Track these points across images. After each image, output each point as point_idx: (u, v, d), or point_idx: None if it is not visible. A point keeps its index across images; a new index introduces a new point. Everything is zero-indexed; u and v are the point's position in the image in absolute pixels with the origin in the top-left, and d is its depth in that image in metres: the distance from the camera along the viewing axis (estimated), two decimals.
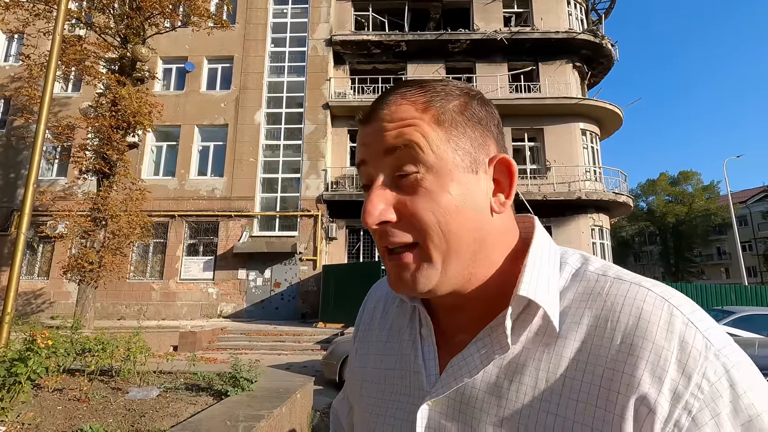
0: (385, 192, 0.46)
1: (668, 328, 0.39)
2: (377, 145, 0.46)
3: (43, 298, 14.79)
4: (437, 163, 0.44)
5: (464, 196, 0.45)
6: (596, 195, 15.23)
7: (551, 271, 0.47)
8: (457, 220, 0.44)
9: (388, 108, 0.47)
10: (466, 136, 0.46)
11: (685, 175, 46.95)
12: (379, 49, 16.93)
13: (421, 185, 0.44)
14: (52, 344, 3.72)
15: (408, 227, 0.45)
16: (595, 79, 19.23)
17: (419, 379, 0.50)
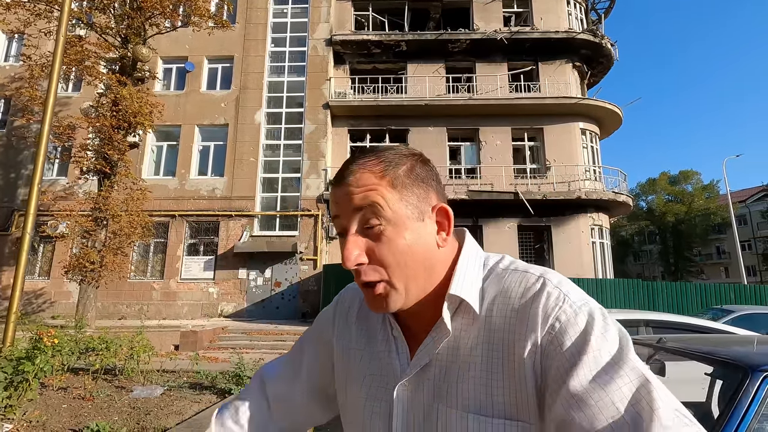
0: (357, 239, 0.60)
1: (538, 291, 0.58)
2: (347, 204, 0.61)
3: (43, 297, 14.81)
4: (394, 217, 0.59)
5: (415, 239, 0.60)
6: (596, 194, 15.26)
7: (474, 272, 0.63)
8: (411, 257, 0.60)
9: (354, 176, 0.61)
10: (413, 194, 0.61)
11: (685, 175, 46.96)
12: (379, 49, 16.94)
13: (383, 234, 0.59)
14: (58, 343, 3.75)
15: (376, 266, 0.60)
16: (595, 78, 19.26)
17: (395, 370, 0.65)
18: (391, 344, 0.68)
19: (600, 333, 0.53)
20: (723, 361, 1.69)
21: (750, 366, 1.46)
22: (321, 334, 0.79)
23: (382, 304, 0.61)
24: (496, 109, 15.98)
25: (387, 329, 0.70)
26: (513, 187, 15.22)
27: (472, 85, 16.79)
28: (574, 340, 0.53)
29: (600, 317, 0.55)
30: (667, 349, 2.03)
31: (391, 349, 0.67)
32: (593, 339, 0.52)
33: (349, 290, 0.81)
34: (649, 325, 3.93)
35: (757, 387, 1.38)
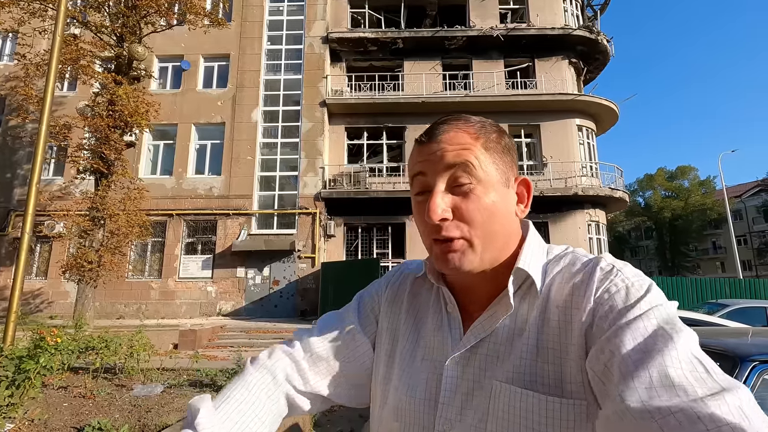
0: (445, 195, 0.60)
1: (592, 268, 0.59)
2: (438, 161, 0.61)
3: (41, 297, 14.77)
4: (485, 177, 0.60)
5: (501, 203, 0.61)
6: (592, 190, 15.33)
7: (540, 254, 0.65)
8: (495, 219, 0.61)
9: (447, 134, 0.62)
10: (502, 160, 0.63)
11: (683, 170, 47.18)
12: (375, 47, 16.93)
13: (473, 192, 0.60)
14: (60, 342, 3.76)
15: (459, 224, 0.60)
16: (591, 75, 19.30)
17: (446, 345, 0.65)
18: (444, 320, 0.67)
19: (647, 304, 0.52)
20: (714, 351, 1.73)
21: (739, 356, 1.50)
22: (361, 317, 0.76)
23: (455, 261, 0.60)
24: (493, 105, 16.01)
25: (441, 305, 0.69)
26: None
27: (469, 82, 16.80)
28: (620, 308, 0.53)
29: (650, 291, 0.54)
30: None
31: (443, 325, 0.67)
32: (638, 308, 0.52)
33: (396, 272, 0.81)
34: None
35: (746, 376, 1.42)
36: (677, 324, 0.50)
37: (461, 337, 0.64)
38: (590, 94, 16.74)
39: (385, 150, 16.60)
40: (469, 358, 0.62)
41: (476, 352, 0.62)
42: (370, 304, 0.79)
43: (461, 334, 0.65)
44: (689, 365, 0.46)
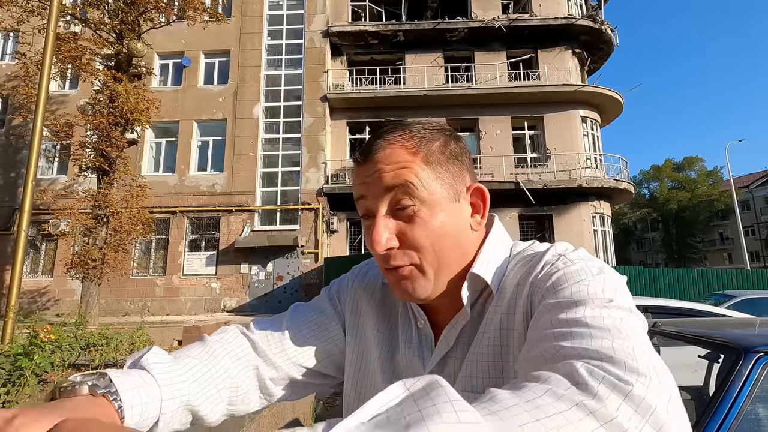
0: (388, 221, 0.55)
1: (541, 255, 0.55)
2: (377, 184, 0.56)
3: (48, 295, 14.90)
4: (429, 197, 0.55)
5: (450, 222, 0.56)
6: (597, 182, 15.18)
7: (499, 254, 0.60)
8: (446, 241, 0.56)
9: (383, 151, 0.56)
10: (448, 171, 0.57)
11: (690, 161, 46.69)
12: (376, 40, 16.79)
13: (417, 215, 0.54)
14: (56, 339, 3.76)
15: (407, 251, 0.55)
16: (595, 65, 19.06)
17: (419, 363, 0.61)
18: (414, 336, 0.63)
19: (589, 278, 0.49)
20: (717, 343, 1.67)
21: (744, 347, 1.44)
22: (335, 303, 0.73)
23: (408, 291, 0.56)
24: (496, 98, 15.86)
25: (410, 320, 0.65)
26: (513, 176, 15.15)
27: (471, 75, 16.64)
28: (554, 284, 0.50)
29: (596, 272, 0.50)
30: (662, 333, 2.01)
31: (414, 342, 0.63)
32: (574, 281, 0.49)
33: (362, 267, 0.76)
34: (648, 310, 3.91)
35: (750, 368, 1.36)
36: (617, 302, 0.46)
37: (432, 354, 0.60)
38: (594, 85, 16.52)
39: None
40: (439, 373, 0.58)
41: (443, 370, 0.58)
42: (338, 294, 0.75)
43: (432, 351, 0.61)
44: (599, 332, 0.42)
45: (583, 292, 0.47)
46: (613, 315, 0.43)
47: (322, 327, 0.70)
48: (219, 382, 0.59)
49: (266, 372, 0.65)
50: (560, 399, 0.33)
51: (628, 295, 0.49)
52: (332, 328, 0.70)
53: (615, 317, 0.43)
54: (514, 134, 16.25)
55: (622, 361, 0.36)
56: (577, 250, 0.56)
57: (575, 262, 0.52)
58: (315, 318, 0.71)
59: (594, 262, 0.52)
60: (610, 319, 0.42)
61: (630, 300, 0.48)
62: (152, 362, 0.53)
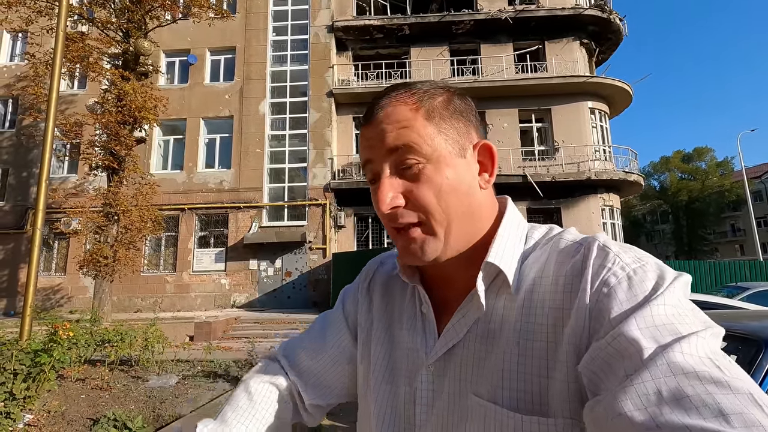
0: (393, 181, 0.54)
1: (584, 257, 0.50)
2: (380, 146, 0.55)
3: (61, 293, 15.14)
4: (433, 153, 0.53)
5: (457, 178, 0.54)
6: (606, 174, 15.03)
7: (516, 241, 0.56)
8: (453, 197, 0.54)
9: (384, 111, 0.55)
10: (452, 127, 0.55)
11: (700, 152, 46.01)
12: (381, 34, 16.70)
13: (422, 173, 0.53)
14: (74, 336, 3.82)
15: (414, 209, 0.53)
16: (603, 55, 18.79)
17: (420, 351, 0.59)
18: (418, 322, 0.61)
19: (658, 291, 0.44)
20: (737, 335, 1.65)
21: (764, 339, 1.42)
22: (344, 310, 0.74)
23: (417, 252, 0.54)
24: (503, 90, 15.72)
25: (415, 305, 0.63)
26: (521, 169, 15.04)
27: (478, 68, 16.50)
28: (623, 301, 0.44)
29: (660, 276, 0.46)
30: None
31: (417, 328, 0.61)
32: (645, 297, 0.44)
33: (373, 264, 0.75)
34: None
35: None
36: (696, 317, 0.42)
37: (436, 341, 0.58)
38: (603, 76, 16.31)
39: None
40: (445, 367, 0.56)
41: (450, 360, 0.55)
42: (351, 300, 0.75)
43: (436, 339, 0.58)
44: (704, 371, 0.37)
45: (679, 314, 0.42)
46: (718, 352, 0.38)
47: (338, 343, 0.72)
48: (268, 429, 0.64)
49: (305, 403, 0.69)
50: None
51: None
52: (345, 340, 0.72)
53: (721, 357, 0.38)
54: (521, 127, 16.11)
55: None
56: (623, 246, 0.51)
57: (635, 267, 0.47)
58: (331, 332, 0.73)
59: (656, 265, 0.48)
60: (724, 362, 0.38)
61: None
62: None
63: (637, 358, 0.39)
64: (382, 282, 0.71)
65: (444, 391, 0.55)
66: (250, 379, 0.69)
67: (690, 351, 0.38)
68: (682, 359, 0.38)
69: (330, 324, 0.74)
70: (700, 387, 0.35)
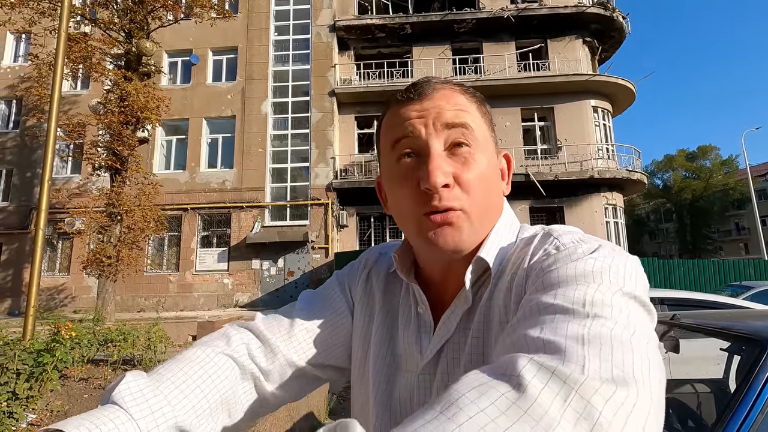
0: (445, 159, 0.53)
1: (531, 240, 0.54)
2: (436, 119, 0.54)
3: (65, 293, 15.22)
4: (482, 142, 0.55)
5: (495, 172, 0.57)
6: (609, 173, 14.97)
7: (507, 238, 0.57)
8: (491, 190, 0.56)
9: (443, 92, 0.56)
10: (491, 129, 0.59)
11: (704, 150, 45.77)
12: (383, 33, 16.68)
13: (472, 158, 0.53)
14: (76, 335, 3.84)
15: (460, 192, 0.52)
16: (607, 54, 18.72)
17: (417, 352, 0.58)
18: (414, 323, 0.60)
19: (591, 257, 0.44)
20: (740, 335, 1.64)
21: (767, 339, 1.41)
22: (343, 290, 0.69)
23: (455, 236, 0.52)
24: (505, 89, 15.68)
25: (411, 305, 0.62)
26: (524, 168, 15.00)
27: (480, 66, 16.47)
28: (545, 267, 0.46)
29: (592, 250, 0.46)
30: (682, 326, 1.98)
31: (413, 327, 0.60)
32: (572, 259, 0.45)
33: (372, 253, 0.72)
34: (664, 303, 3.85)
35: None
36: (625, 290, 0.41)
37: (431, 341, 0.57)
38: (605, 74, 16.25)
39: None
40: (437, 366, 0.55)
41: (440, 359, 0.55)
42: (348, 282, 0.71)
43: (431, 338, 0.57)
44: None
45: (580, 272, 0.42)
46: (614, 303, 0.38)
47: (334, 316, 0.67)
48: (213, 395, 0.53)
49: (271, 369, 0.60)
50: (492, 405, 0.29)
51: (644, 284, 0.44)
52: (344, 317, 0.67)
53: (615, 306, 0.38)
54: (524, 126, 16.07)
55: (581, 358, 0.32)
56: (573, 231, 0.53)
57: (579, 242, 0.48)
58: (326, 307, 0.67)
59: (605, 243, 0.48)
60: (608, 308, 0.38)
61: (644, 290, 0.43)
62: (125, 394, 0.46)
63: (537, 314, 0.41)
64: (383, 275, 0.68)
65: (435, 388, 0.55)
66: (204, 340, 0.60)
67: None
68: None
69: (325, 299, 0.68)
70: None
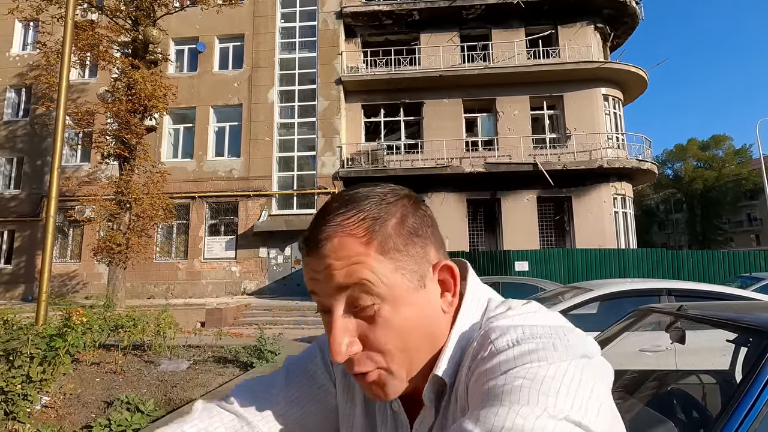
0: (347, 322, 0.48)
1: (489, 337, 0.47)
2: (328, 281, 0.48)
3: (76, 279, 15.49)
4: (390, 292, 0.48)
5: (418, 315, 0.49)
6: (619, 163, 14.78)
7: (467, 338, 0.51)
8: (414, 337, 0.49)
9: (331, 243, 0.48)
10: (409, 256, 0.49)
11: (717, 140, 44.94)
12: (390, 20, 16.47)
13: (379, 315, 0.48)
14: (87, 321, 3.91)
15: (372, 355, 0.49)
16: (619, 40, 18.33)
17: None
18: (390, 421, 0.57)
19: (505, 367, 0.41)
20: (748, 327, 1.62)
21: None
22: (317, 372, 0.64)
23: (379, 394, 0.50)
24: (514, 77, 15.46)
25: (386, 403, 0.59)
26: (532, 158, 14.86)
27: (488, 54, 16.22)
28: (476, 395, 0.43)
29: (517, 356, 0.42)
30: (689, 317, 1.96)
31: (387, 426, 0.57)
32: (504, 370, 0.41)
33: None
34: (672, 293, 3.82)
35: None
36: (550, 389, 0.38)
37: None
38: (617, 61, 15.95)
39: (402, 127, 16.37)
40: None
41: None
42: (327, 363, 0.66)
43: None
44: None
45: (507, 389, 0.39)
46: (536, 430, 0.35)
47: (317, 392, 0.63)
48: None
49: None
50: None
51: (586, 397, 0.38)
52: (327, 393, 0.63)
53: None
54: (532, 114, 15.87)
55: None
56: (534, 327, 0.46)
57: (515, 344, 0.43)
58: (308, 381, 0.63)
59: (548, 344, 0.43)
60: None
61: (585, 408, 0.38)
62: None
63: None
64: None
65: None
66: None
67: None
68: None
69: (307, 373, 0.64)
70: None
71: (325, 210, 0.50)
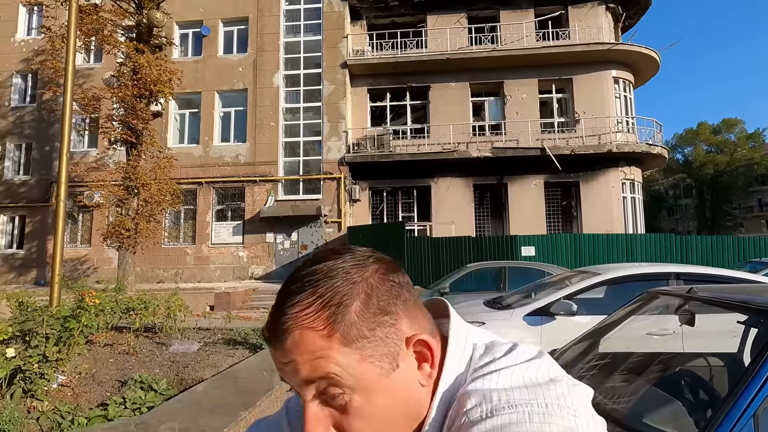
0: (319, 412, 0.46)
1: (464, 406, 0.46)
2: (294, 375, 0.46)
3: (87, 264, 15.73)
4: (358, 383, 0.45)
5: (392, 398, 0.47)
6: (628, 147, 14.57)
7: (449, 400, 0.49)
8: (391, 422, 0.47)
9: (291, 337, 0.45)
10: (377, 339, 0.46)
11: (729, 123, 44.09)
12: (396, 1, 16.15)
13: (350, 405, 0.45)
14: (99, 303, 3.99)
15: None
16: (631, 21, 17.87)
17: None
18: None
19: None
20: (759, 309, 1.61)
21: None
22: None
23: None
24: (522, 60, 15.18)
25: None
26: (539, 142, 14.69)
27: (496, 36, 15.91)
28: None
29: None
30: (699, 299, 1.96)
31: None
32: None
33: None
34: (680, 277, 3.80)
35: None
36: None
37: None
38: (629, 43, 15.58)
39: (408, 111, 16.21)
40: None
41: None
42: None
43: None
44: None
45: None
46: None
47: None
48: None
49: None
50: None
51: None
52: None
53: None
54: (541, 98, 15.63)
55: None
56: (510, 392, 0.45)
57: (496, 412, 0.43)
58: None
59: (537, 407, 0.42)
60: None
61: None
62: None
63: None
64: None
65: None
66: None
67: None
68: None
69: None
70: None
71: (284, 293, 0.48)
